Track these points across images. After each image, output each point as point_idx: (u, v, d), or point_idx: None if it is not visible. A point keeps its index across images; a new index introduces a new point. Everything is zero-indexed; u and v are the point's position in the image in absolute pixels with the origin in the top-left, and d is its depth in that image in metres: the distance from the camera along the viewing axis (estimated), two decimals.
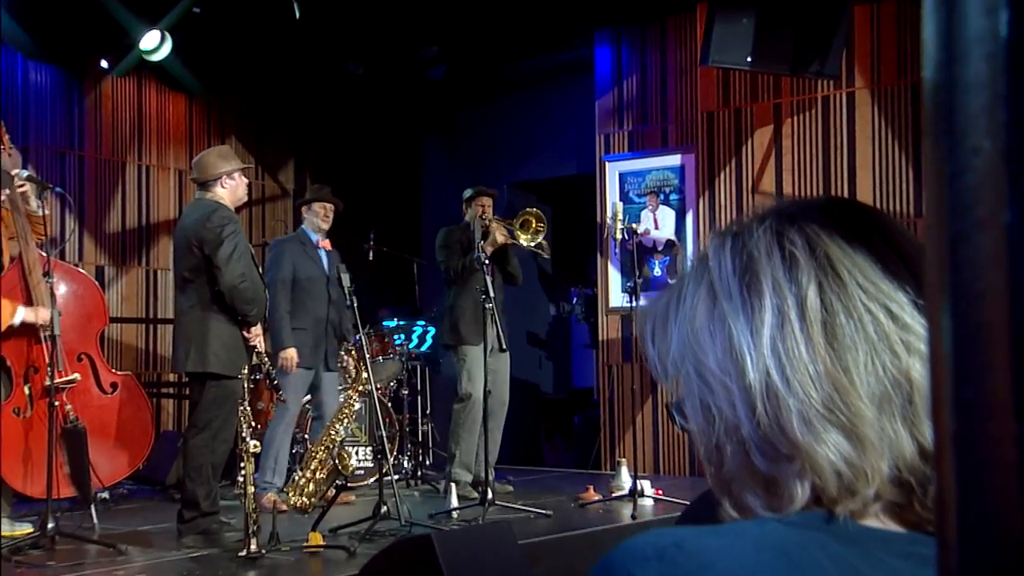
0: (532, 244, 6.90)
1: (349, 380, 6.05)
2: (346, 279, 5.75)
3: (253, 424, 4.84)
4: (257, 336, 5.57)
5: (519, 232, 6.88)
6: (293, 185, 9.98)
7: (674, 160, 8.17)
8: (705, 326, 0.80)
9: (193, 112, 9.14)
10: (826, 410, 0.74)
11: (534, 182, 9.84)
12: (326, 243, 6.95)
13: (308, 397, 6.93)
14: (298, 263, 6.76)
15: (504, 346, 6.54)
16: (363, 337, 5.98)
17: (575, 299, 9.76)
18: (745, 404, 0.76)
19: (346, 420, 5.36)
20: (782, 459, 0.75)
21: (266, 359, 5.53)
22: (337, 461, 4.94)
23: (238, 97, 9.44)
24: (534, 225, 6.92)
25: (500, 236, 6.81)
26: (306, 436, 7.18)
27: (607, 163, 8.45)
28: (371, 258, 8.29)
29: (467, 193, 7.12)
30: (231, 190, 5.70)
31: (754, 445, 0.76)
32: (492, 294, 6.12)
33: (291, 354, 6.57)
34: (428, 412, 8.63)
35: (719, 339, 0.78)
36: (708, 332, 0.79)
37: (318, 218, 6.93)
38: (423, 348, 9.07)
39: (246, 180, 5.84)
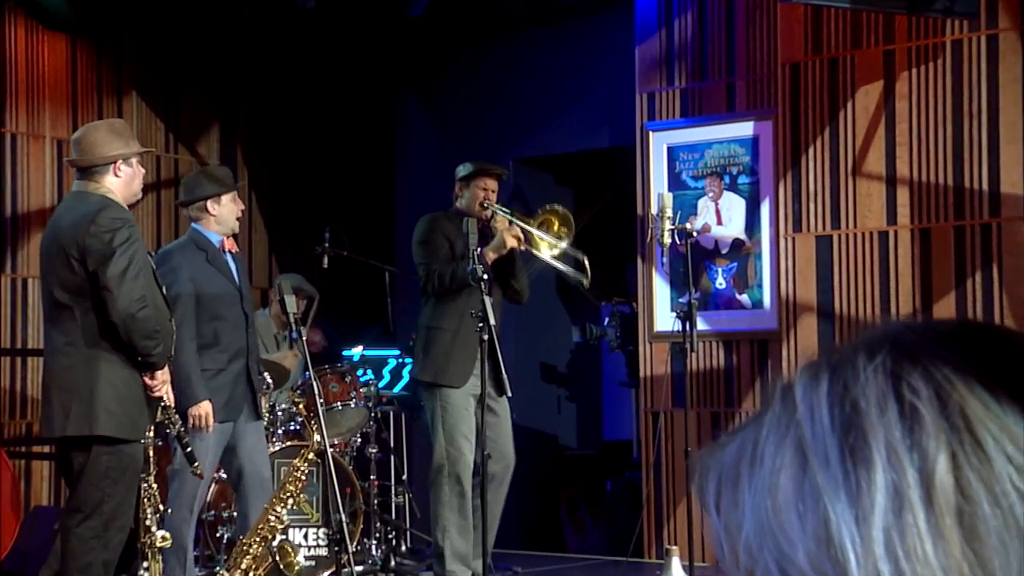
0: (563, 264, 6.85)
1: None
2: (291, 302, 5.75)
3: (161, 508, 4.84)
4: (163, 383, 5.54)
5: (538, 239, 6.84)
6: (217, 159, 9.98)
7: (744, 129, 8.17)
8: (792, 502, 0.78)
9: (77, 59, 9.14)
10: None
11: (549, 158, 9.84)
12: (230, 243, 6.68)
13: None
14: (200, 279, 6.44)
15: (507, 390, 6.50)
16: (315, 379, 5.98)
17: (607, 319, 9.76)
18: None
19: (291, 500, 5.36)
20: None
21: (175, 416, 5.48)
22: (278, 558, 4.95)
23: (139, 37, 9.44)
24: (556, 228, 6.89)
25: (511, 240, 6.74)
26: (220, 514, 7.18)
27: (651, 133, 8.45)
28: (326, 265, 8.29)
29: (463, 170, 7.05)
30: (126, 181, 5.68)
31: None
32: (492, 321, 6.08)
33: (205, 409, 6.20)
34: (405, 476, 8.64)
35: (811, 523, 0.77)
36: (796, 512, 0.78)
37: (231, 215, 6.65)
38: (398, 387, 9.07)
39: (143, 169, 5.82)
